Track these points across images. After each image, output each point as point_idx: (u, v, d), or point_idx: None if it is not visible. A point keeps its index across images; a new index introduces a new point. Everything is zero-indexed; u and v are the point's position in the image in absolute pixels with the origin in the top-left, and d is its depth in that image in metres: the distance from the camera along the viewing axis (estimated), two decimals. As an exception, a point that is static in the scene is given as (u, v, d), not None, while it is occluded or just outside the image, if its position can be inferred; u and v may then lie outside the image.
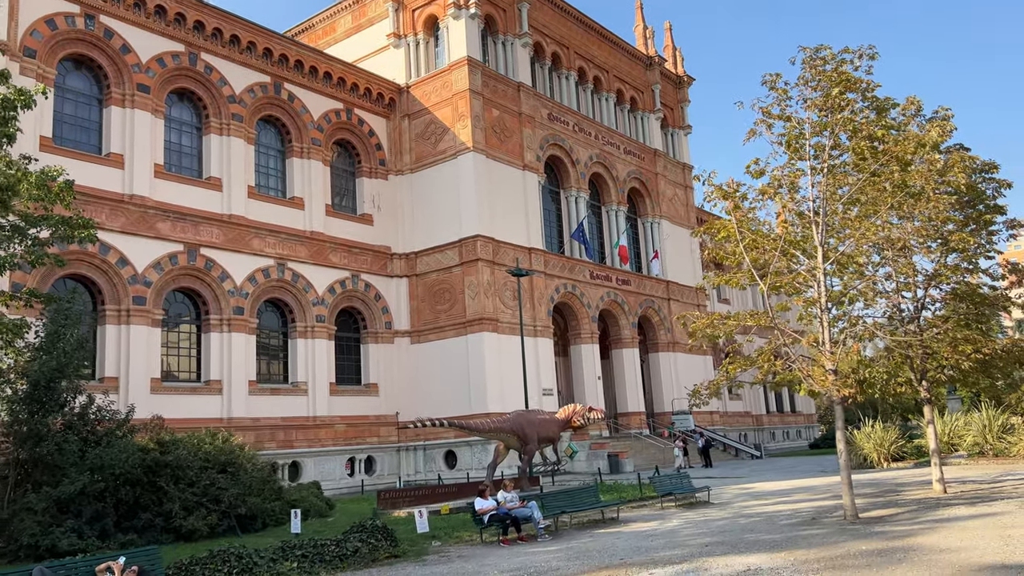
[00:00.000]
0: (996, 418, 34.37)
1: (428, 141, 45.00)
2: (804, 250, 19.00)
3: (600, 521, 20.44)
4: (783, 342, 18.60)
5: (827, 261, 18.35)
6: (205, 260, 36.03)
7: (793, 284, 19.46)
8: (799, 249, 19.00)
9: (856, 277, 19.57)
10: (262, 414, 37.29)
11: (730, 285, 20.20)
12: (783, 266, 19.01)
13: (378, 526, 16.41)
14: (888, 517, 17.29)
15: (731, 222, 18.90)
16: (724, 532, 16.52)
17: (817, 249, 18.34)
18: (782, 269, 18.89)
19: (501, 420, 26.78)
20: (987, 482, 23.88)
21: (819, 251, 18.34)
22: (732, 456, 51.12)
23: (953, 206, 20.84)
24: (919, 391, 22.36)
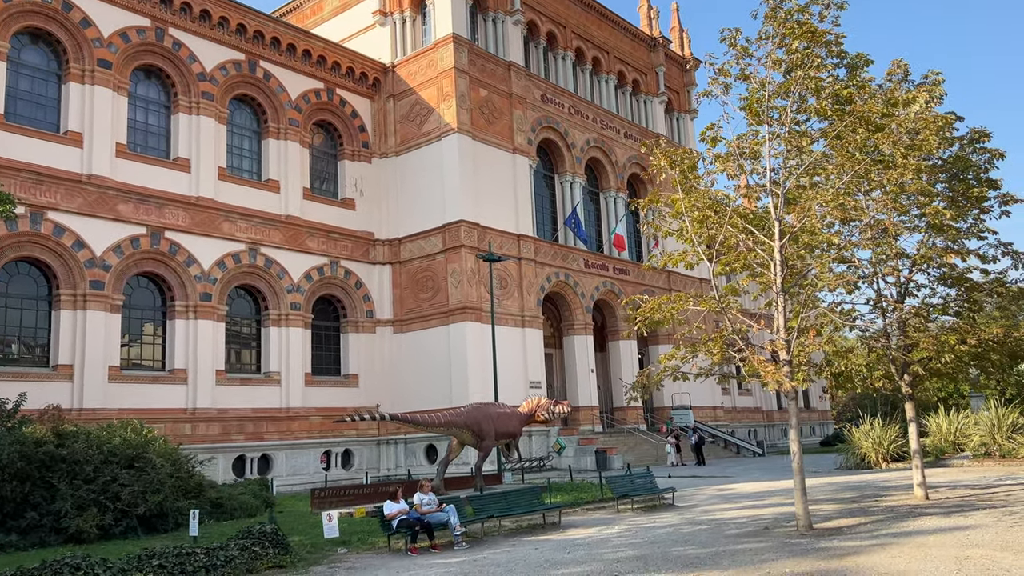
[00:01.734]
0: (1006, 416, 31.96)
1: (413, 123, 43.20)
2: (763, 226, 16.92)
3: (539, 526, 18.55)
4: (732, 329, 16.59)
5: (784, 237, 16.26)
6: (170, 244, 34.52)
7: (749, 263, 17.41)
8: (756, 225, 16.92)
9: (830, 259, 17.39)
10: (230, 405, 35.79)
11: (673, 264, 18.17)
12: (734, 242, 16.97)
13: (266, 532, 14.66)
14: (846, 528, 15.24)
15: (679, 196, 16.91)
16: (656, 544, 14.57)
17: (774, 224, 16.27)
18: (734, 245, 16.86)
19: (454, 414, 24.91)
20: (980, 487, 21.67)
21: (776, 226, 16.27)
22: (733, 453, 48.91)
23: (930, 174, 18.62)
24: (900, 386, 20.17)
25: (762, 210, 17.36)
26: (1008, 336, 18.90)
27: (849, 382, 20.25)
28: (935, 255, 18.89)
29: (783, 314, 16.30)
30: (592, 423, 45.64)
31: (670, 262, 18.24)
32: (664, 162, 17.10)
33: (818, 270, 16.67)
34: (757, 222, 17.04)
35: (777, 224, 16.28)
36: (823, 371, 20.15)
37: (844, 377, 20.09)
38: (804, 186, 17.10)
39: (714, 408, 54.67)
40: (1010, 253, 19.75)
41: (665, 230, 18.22)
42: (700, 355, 17.10)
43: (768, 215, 16.95)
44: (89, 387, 31.20)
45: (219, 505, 21.08)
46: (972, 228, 20.09)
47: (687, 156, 16.94)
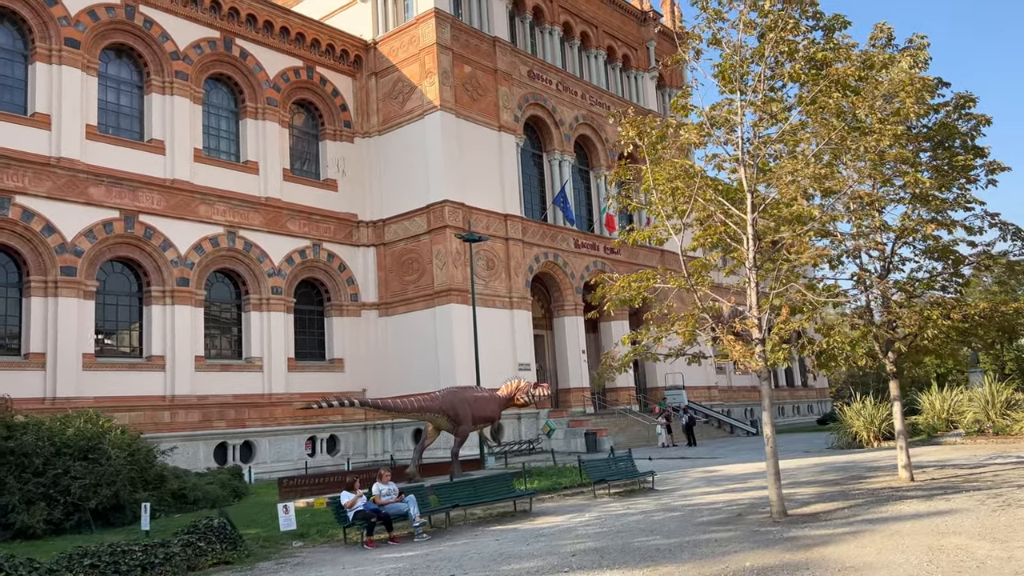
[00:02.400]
0: (1000, 393, 31.20)
1: (395, 101, 42.25)
2: (736, 199, 16.08)
3: (509, 515, 17.86)
4: (702, 307, 15.81)
5: (757, 210, 15.43)
6: (144, 228, 33.74)
7: (723, 238, 16.60)
8: (730, 198, 16.09)
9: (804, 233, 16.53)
10: (211, 391, 35.12)
11: (641, 239, 17.38)
12: (704, 215, 16.17)
13: (212, 526, 13.97)
14: (822, 514, 14.52)
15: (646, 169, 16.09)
16: (621, 533, 13.86)
17: (746, 196, 15.44)
18: (706, 218, 16.07)
19: (428, 398, 24.19)
20: (968, 467, 20.94)
21: (748, 198, 15.44)
22: (727, 433, 48.24)
23: (914, 142, 17.75)
24: (884, 363, 19.38)
25: (736, 182, 16.51)
26: (995, 311, 18.10)
27: (832, 360, 19.45)
28: (919, 226, 18.04)
29: (755, 291, 15.51)
30: (583, 405, 44.97)
31: (639, 237, 17.44)
32: (631, 132, 16.24)
33: (790, 243, 15.83)
34: (732, 194, 16.20)
35: (749, 196, 15.46)
36: (805, 349, 19.35)
37: (827, 355, 19.29)
38: (779, 156, 16.25)
39: (708, 388, 54.01)
40: (997, 224, 18.91)
41: (634, 204, 17.41)
42: (673, 335, 16.33)
43: (741, 187, 16.11)
44: (63, 375, 30.53)
45: (182, 496, 20.41)
46: (959, 199, 19.23)
47: (654, 126, 16.07)
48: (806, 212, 15.59)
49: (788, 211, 15.70)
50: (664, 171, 16.23)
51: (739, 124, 15.56)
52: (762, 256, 15.95)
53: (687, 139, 15.62)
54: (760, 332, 15.30)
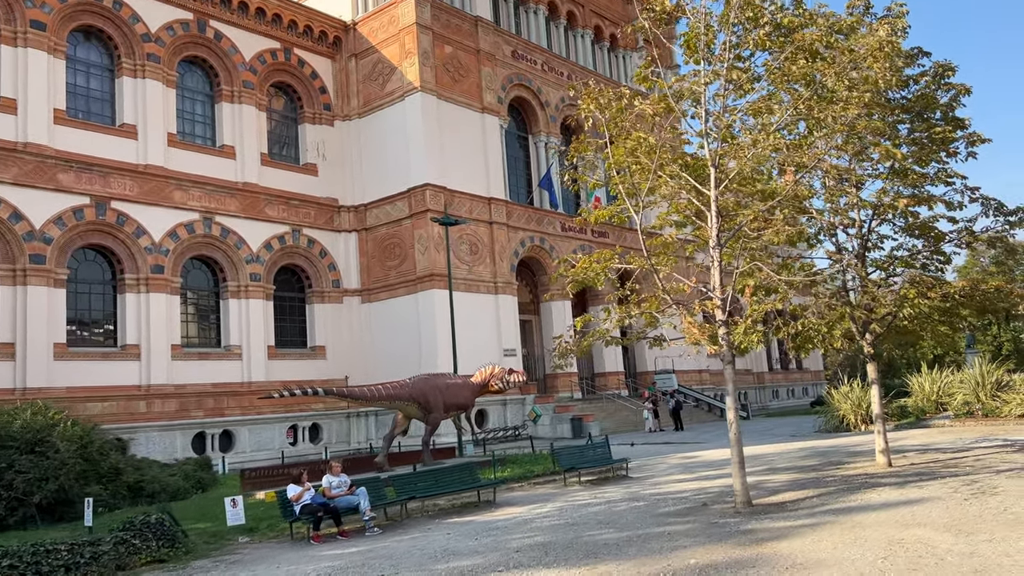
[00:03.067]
0: (991, 373, 30.53)
1: (376, 83, 41.42)
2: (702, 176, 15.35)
3: (472, 505, 17.24)
4: (663, 288, 15.13)
5: (720, 185, 14.70)
6: (117, 214, 33.00)
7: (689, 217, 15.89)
8: (697, 175, 15.34)
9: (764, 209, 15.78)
10: (188, 380, 34.47)
11: (604, 218, 16.67)
12: (667, 191, 15.44)
13: (149, 522, 13.33)
14: (789, 504, 13.86)
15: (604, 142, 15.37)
16: (575, 526, 13.21)
17: (709, 172, 14.71)
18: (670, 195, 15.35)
19: (397, 386, 23.55)
20: (951, 451, 20.28)
21: (711, 173, 14.71)
22: (717, 417, 47.55)
23: (891, 113, 16.96)
24: (862, 345, 18.67)
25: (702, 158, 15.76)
26: (975, 289, 17.38)
27: (808, 342, 18.74)
28: (894, 202, 17.29)
29: (719, 270, 14.81)
30: (571, 390, 44.34)
31: (601, 216, 16.74)
32: (591, 105, 15.49)
33: (752, 220, 15.11)
34: (700, 170, 15.45)
35: (713, 171, 14.74)
36: (780, 331, 18.68)
37: (802, 336, 18.60)
38: (749, 130, 15.49)
39: (700, 372, 53.35)
40: (979, 199, 18.15)
41: (594, 181, 16.69)
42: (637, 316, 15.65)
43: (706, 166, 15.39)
44: (33, 366, 29.88)
45: (139, 489, 19.77)
46: (940, 173, 18.47)
47: (616, 98, 15.31)
48: (769, 188, 14.86)
49: (751, 187, 14.96)
50: (625, 146, 15.50)
51: (703, 95, 14.80)
52: (728, 235, 15.22)
53: (642, 110, 14.85)
54: (723, 314, 14.60)
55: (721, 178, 14.67)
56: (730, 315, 14.91)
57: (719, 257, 14.78)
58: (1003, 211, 18.05)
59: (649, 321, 15.43)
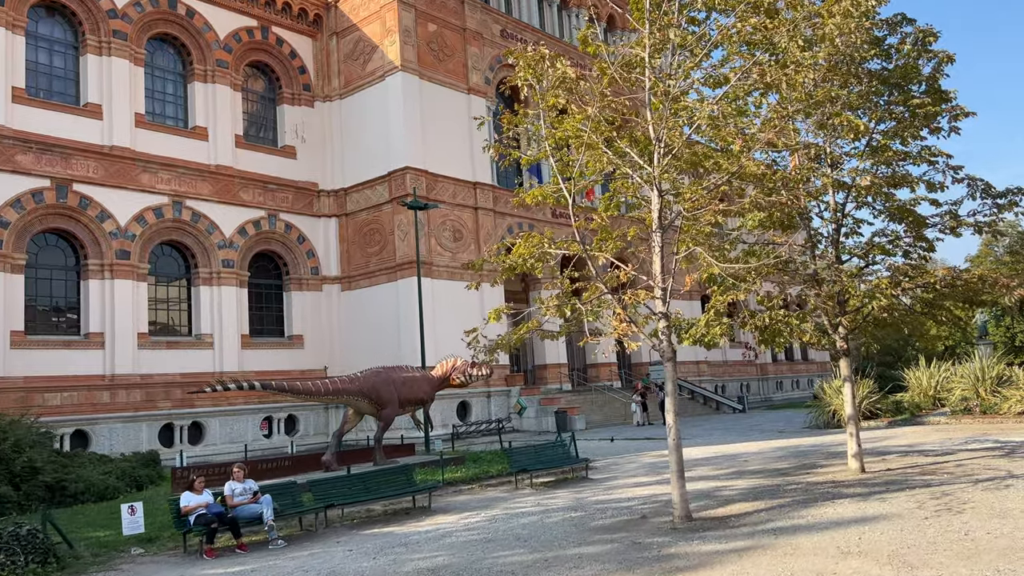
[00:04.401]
0: (991, 368, 28.84)
1: (357, 62, 39.94)
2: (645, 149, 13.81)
3: (403, 512, 15.86)
4: (599, 276, 13.65)
5: (664, 160, 13.16)
6: (79, 197, 31.78)
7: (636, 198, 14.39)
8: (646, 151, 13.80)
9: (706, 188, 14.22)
10: (156, 370, 33.28)
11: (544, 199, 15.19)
12: (601, 167, 13.93)
13: (19, 533, 12.00)
14: (732, 519, 12.37)
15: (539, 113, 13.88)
16: (491, 543, 11.81)
17: (652, 144, 13.19)
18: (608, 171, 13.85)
19: (346, 380, 22.17)
20: (935, 454, 18.70)
21: (656, 148, 13.19)
22: (713, 410, 46.03)
23: (850, 79, 15.29)
24: (834, 339, 17.09)
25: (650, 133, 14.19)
26: (957, 279, 15.74)
27: (778, 335, 17.18)
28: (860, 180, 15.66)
29: (660, 256, 13.32)
30: (560, 381, 42.90)
31: (540, 197, 15.26)
32: (527, 74, 13.99)
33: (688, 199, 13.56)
34: (645, 145, 13.90)
35: (657, 145, 13.22)
36: (746, 324, 17.16)
37: (770, 330, 17.04)
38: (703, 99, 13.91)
39: (697, 363, 51.72)
40: (964, 179, 16.49)
41: (526, 158, 15.19)
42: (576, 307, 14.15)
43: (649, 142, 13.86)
44: (-12, 354, 28.82)
45: (60, 489, 18.50)
46: (923, 152, 16.82)
47: (538, 59, 13.78)
48: (711, 163, 13.33)
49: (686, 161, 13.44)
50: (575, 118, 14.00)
51: (645, 59, 13.25)
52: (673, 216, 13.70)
53: (564, 73, 13.34)
54: (664, 305, 13.11)
55: (666, 154, 13.13)
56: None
57: (660, 242, 13.28)
58: (991, 193, 16.40)
59: (561, 315, 13.95)
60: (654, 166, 13.15)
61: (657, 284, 13.21)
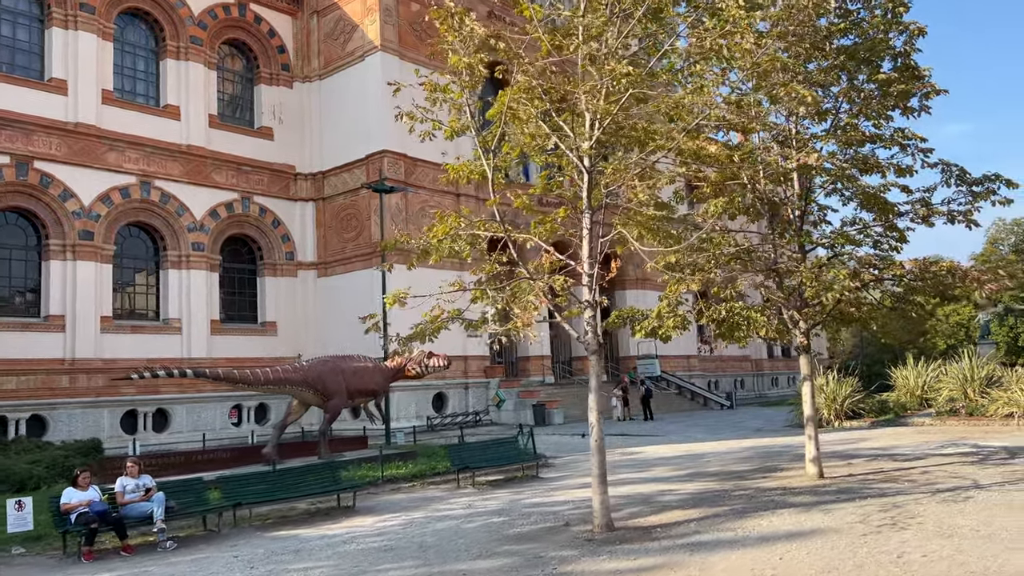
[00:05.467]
0: (981, 367, 27.58)
1: (337, 42, 38.78)
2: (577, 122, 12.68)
3: (323, 513, 14.79)
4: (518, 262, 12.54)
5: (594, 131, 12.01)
6: (40, 175, 30.75)
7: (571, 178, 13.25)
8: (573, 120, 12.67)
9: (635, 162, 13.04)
10: (119, 355, 32.19)
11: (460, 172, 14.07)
12: (530, 139, 12.79)
13: None
14: (656, 530, 11.24)
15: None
16: (391, 551, 10.75)
17: (583, 117, 12.05)
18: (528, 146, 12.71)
19: (290, 369, 21.14)
20: (904, 458, 17.53)
21: (587, 118, 12.06)
22: (700, 406, 44.84)
23: (808, 53, 14.04)
24: (795, 335, 15.90)
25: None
26: (925, 270, 14.52)
27: (737, 329, 16.00)
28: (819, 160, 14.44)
29: (588, 239, 12.20)
30: (542, 374, 41.75)
31: (458, 175, 14.13)
32: (451, 36, 12.85)
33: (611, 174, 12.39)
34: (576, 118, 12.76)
35: (588, 115, 12.09)
36: (702, 316, 15.99)
37: (728, 324, 15.88)
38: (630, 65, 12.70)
39: (687, 357, 50.47)
40: (939, 165, 15.23)
41: (448, 130, 14.03)
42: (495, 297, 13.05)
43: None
44: (-60, 336, 27.90)
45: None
46: (897, 134, 15.58)
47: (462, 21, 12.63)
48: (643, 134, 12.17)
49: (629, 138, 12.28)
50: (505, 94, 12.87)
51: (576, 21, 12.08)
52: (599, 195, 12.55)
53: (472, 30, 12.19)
54: (591, 293, 11.99)
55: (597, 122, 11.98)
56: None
57: (589, 223, 12.16)
58: (966, 180, 15.14)
59: (507, 300, 12.83)
60: (579, 138, 12.02)
61: (584, 270, 12.08)
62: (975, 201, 15.11)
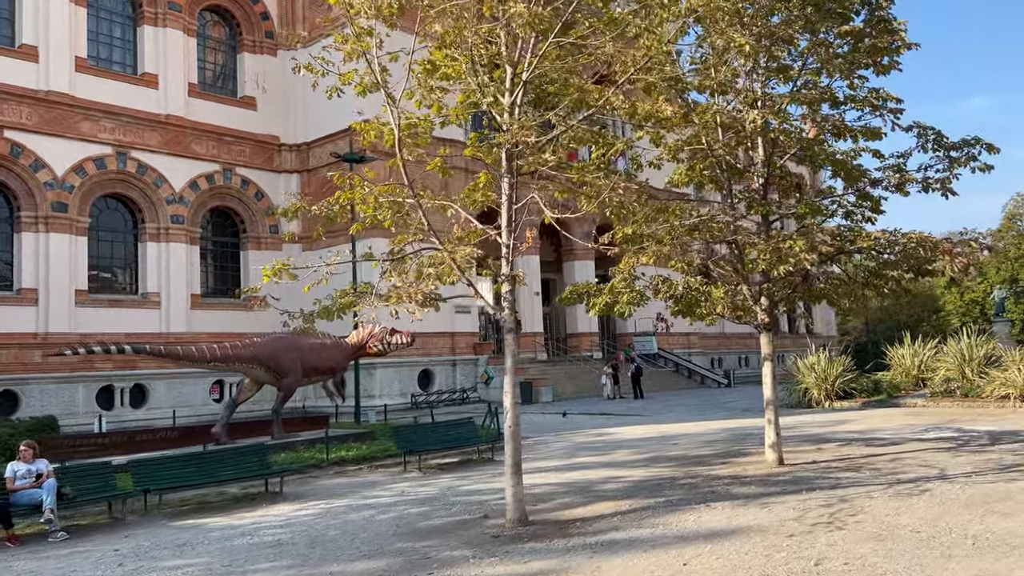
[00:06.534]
0: (979, 347, 26.33)
1: (322, 8, 37.47)
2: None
3: (247, 499, 13.92)
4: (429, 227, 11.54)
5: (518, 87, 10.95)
6: (10, 145, 29.98)
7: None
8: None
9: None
10: (95, 329, 31.45)
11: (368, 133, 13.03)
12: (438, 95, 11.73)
13: None
14: (573, 524, 10.25)
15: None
16: (272, 549, 9.86)
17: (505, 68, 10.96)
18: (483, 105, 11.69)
19: (240, 346, 20.26)
20: (879, 443, 16.42)
21: (507, 72, 10.97)
22: (697, 383, 43.76)
23: (771, 4, 12.76)
24: (756, 313, 14.76)
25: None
26: (894, 243, 13.32)
27: (696, 305, 14.92)
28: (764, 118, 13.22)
29: (508, 206, 11.17)
30: (535, 350, 40.76)
31: (364, 136, 13.10)
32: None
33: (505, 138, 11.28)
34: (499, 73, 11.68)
35: (509, 70, 11.03)
36: (659, 292, 14.92)
37: (686, 300, 14.79)
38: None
39: (687, 335, 49.25)
40: (914, 128, 13.97)
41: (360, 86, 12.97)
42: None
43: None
44: (-95, 309, 27.29)
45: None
46: (870, 96, 14.33)
47: None
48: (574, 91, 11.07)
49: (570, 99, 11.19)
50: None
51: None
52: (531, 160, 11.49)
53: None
54: (508, 265, 10.96)
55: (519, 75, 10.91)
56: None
57: (508, 188, 11.12)
58: (943, 144, 13.89)
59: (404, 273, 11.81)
60: (506, 95, 10.93)
61: (502, 240, 11.05)
62: (953, 167, 13.86)
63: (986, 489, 11.07)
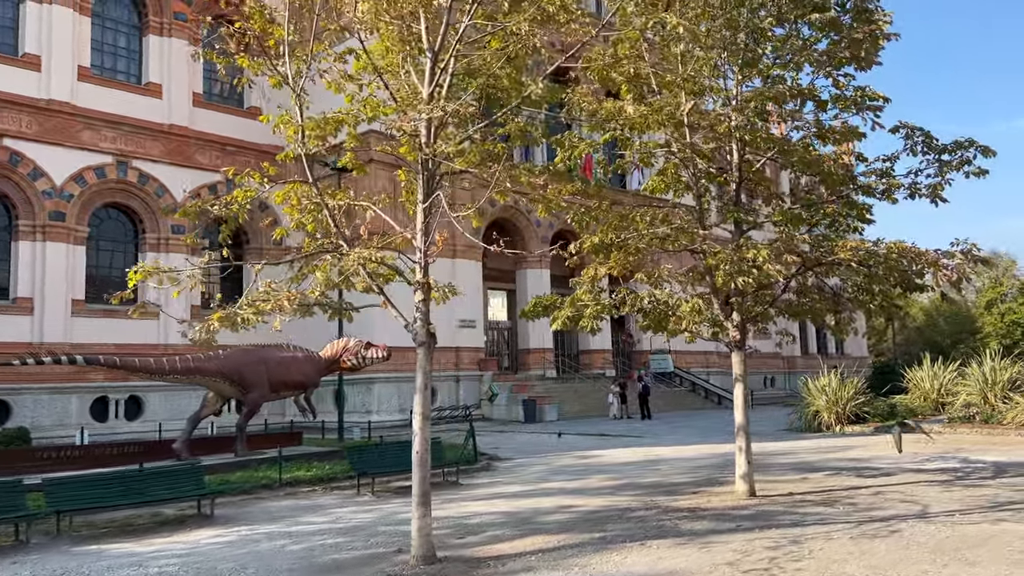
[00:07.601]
0: (1004, 370, 24.67)
1: (331, 16, 37.00)
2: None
3: (175, 521, 13.04)
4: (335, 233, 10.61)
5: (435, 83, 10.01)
6: (10, 153, 29.73)
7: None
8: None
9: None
10: (91, 339, 31.04)
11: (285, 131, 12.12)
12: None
13: None
14: (485, 564, 9.20)
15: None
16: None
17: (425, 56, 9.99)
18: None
19: (202, 359, 19.50)
20: (870, 474, 15.06)
21: (428, 60, 10.02)
22: (714, 404, 42.23)
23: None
24: (726, 329, 13.55)
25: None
26: (873, 254, 12.06)
27: (665, 320, 13.78)
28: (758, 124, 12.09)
29: (423, 213, 10.22)
30: (543, 367, 39.62)
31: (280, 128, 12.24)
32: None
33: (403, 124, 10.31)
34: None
35: (429, 56, 10.12)
36: (626, 305, 13.81)
37: (654, 315, 13.66)
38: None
39: (706, 353, 47.69)
40: (901, 128, 12.73)
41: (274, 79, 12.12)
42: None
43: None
44: None
45: None
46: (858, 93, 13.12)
47: None
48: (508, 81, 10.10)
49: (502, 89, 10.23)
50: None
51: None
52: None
53: None
54: (421, 272, 9.99)
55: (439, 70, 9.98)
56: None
57: (424, 190, 10.17)
58: (933, 147, 12.63)
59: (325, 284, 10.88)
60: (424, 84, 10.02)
61: (416, 244, 10.09)
62: (944, 171, 12.59)
63: (964, 531, 9.78)
